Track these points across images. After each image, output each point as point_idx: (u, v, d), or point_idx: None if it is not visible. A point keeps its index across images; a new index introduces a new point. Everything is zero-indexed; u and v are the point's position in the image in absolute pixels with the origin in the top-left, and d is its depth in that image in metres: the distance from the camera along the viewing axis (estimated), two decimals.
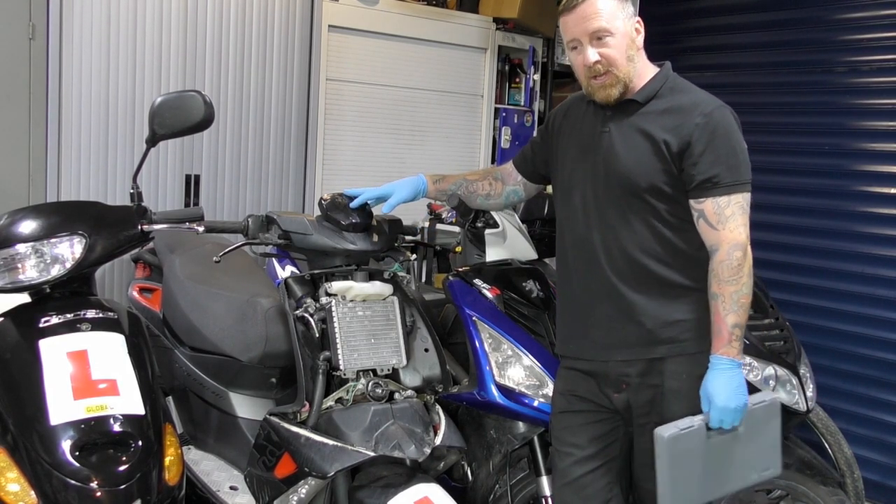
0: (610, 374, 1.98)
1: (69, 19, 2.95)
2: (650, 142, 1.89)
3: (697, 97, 1.91)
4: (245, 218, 2.10)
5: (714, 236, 1.85)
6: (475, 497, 2.36)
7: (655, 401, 1.94)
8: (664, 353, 1.93)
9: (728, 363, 1.83)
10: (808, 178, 3.53)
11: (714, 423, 1.83)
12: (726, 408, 1.82)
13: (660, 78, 1.94)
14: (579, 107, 2.08)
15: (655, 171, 1.88)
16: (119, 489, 1.65)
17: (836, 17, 3.53)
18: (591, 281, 1.99)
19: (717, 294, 1.85)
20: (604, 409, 2.02)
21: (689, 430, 1.82)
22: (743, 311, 1.84)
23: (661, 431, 1.81)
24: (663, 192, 1.89)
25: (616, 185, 1.92)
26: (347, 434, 1.89)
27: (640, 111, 1.92)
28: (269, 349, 2.26)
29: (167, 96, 2.02)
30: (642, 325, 1.93)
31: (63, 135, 2.99)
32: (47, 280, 1.93)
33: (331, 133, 3.67)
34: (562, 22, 1.93)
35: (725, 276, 1.83)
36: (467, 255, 2.52)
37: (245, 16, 3.36)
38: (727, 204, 1.84)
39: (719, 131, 1.85)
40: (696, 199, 1.87)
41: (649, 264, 1.91)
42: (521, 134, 4.32)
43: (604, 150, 1.95)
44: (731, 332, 1.83)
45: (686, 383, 1.90)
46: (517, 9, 4.05)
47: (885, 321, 3.36)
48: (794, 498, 2.46)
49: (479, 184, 2.29)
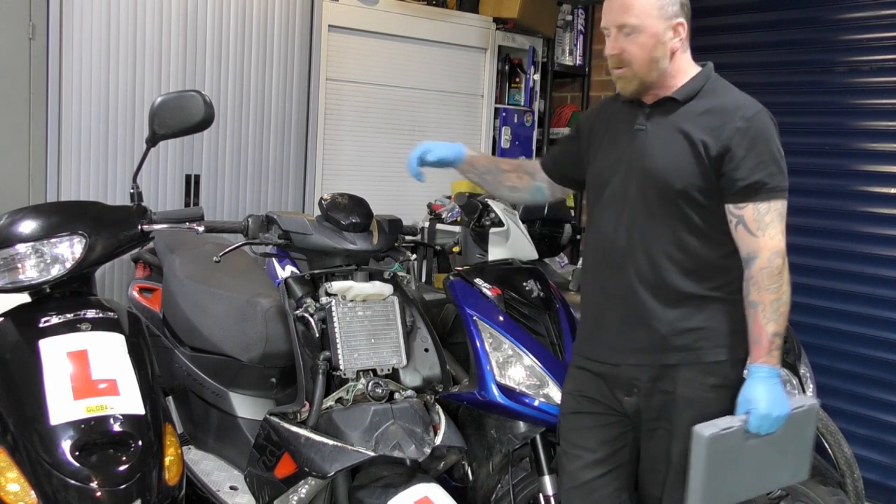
0: (621, 377, 1.95)
1: (69, 19, 2.95)
2: (688, 142, 1.85)
3: (739, 100, 1.87)
4: (245, 218, 2.10)
5: (753, 243, 1.82)
6: (475, 497, 2.36)
7: (666, 407, 1.91)
8: (678, 361, 1.89)
9: (768, 371, 1.81)
10: (808, 178, 3.53)
11: (753, 427, 1.80)
12: (768, 416, 1.79)
13: (701, 77, 1.90)
14: (612, 106, 2.05)
15: (691, 172, 1.84)
16: (119, 489, 1.65)
17: (836, 17, 3.53)
18: (610, 281, 1.95)
19: (756, 302, 1.81)
20: (613, 413, 1.99)
21: (730, 430, 1.79)
22: (782, 320, 1.81)
23: (702, 430, 1.78)
24: (696, 196, 1.84)
25: (650, 184, 1.88)
26: (347, 434, 1.89)
27: (679, 110, 1.88)
28: (269, 349, 2.26)
29: (167, 96, 2.02)
30: (656, 331, 1.90)
31: (63, 135, 2.98)
32: (47, 280, 1.93)
33: (331, 133, 3.67)
34: (604, 5, 1.91)
35: (766, 283, 1.80)
36: (468, 254, 2.52)
37: (245, 16, 3.35)
38: (767, 210, 1.81)
39: (761, 136, 1.82)
40: (736, 205, 1.83)
41: (671, 270, 1.88)
42: (521, 134, 4.32)
43: (638, 148, 1.91)
44: (772, 342, 1.80)
45: (699, 391, 1.88)
46: (517, 9, 4.04)
47: (885, 321, 3.36)
48: (794, 498, 2.46)
49: (509, 175, 2.26)
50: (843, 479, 2.76)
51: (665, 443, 1.93)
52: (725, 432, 1.79)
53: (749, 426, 1.81)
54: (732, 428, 1.80)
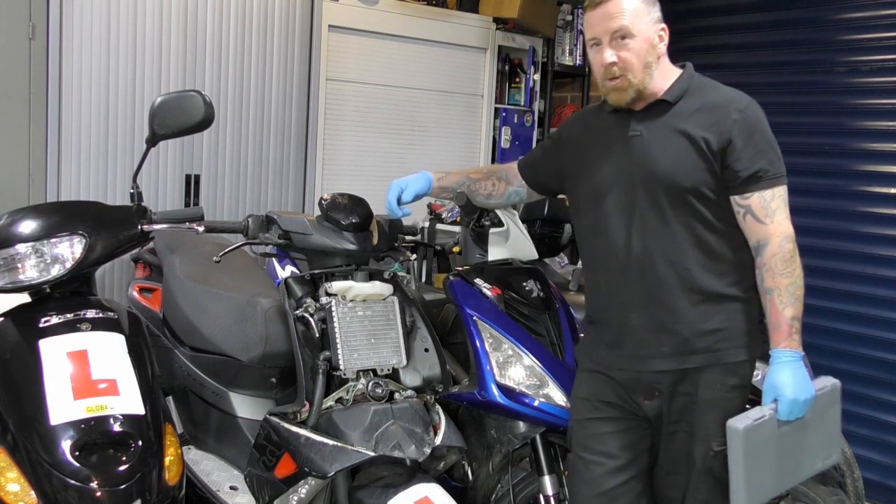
0: (642, 381, 1.95)
1: (69, 19, 2.95)
2: (689, 140, 1.85)
3: (728, 94, 1.90)
4: (245, 218, 2.10)
5: (763, 231, 1.84)
6: (475, 497, 2.36)
7: (687, 409, 1.91)
8: (700, 363, 1.89)
9: (791, 355, 1.82)
10: (808, 177, 3.53)
11: (783, 415, 1.81)
12: (796, 400, 1.80)
13: (686, 77, 1.92)
14: (598, 115, 2.05)
15: (697, 169, 1.85)
16: (119, 489, 1.65)
17: (836, 17, 3.53)
18: (627, 289, 1.94)
19: (772, 288, 1.83)
20: (633, 417, 1.98)
21: (762, 420, 1.80)
22: (799, 304, 1.83)
23: (735, 423, 1.78)
24: (705, 193, 1.86)
25: (658, 187, 1.88)
26: (347, 434, 1.88)
27: (671, 111, 1.89)
28: (269, 349, 2.26)
29: (167, 96, 2.02)
30: (678, 334, 1.89)
31: (63, 135, 2.98)
32: (47, 280, 1.93)
33: (331, 133, 3.67)
34: (585, 18, 1.91)
35: (780, 268, 1.81)
36: (468, 255, 2.51)
37: (245, 16, 3.36)
38: (772, 197, 1.83)
39: (756, 126, 1.85)
40: (742, 195, 1.85)
41: (690, 269, 1.88)
42: (521, 134, 4.32)
43: (637, 154, 1.91)
44: (791, 325, 1.82)
45: (720, 393, 1.88)
46: (517, 9, 4.04)
47: (885, 321, 3.36)
48: (794, 498, 2.46)
49: (481, 183, 2.28)
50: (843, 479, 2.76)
51: (686, 445, 1.93)
52: (758, 422, 1.79)
53: (779, 414, 1.81)
54: (764, 417, 1.81)
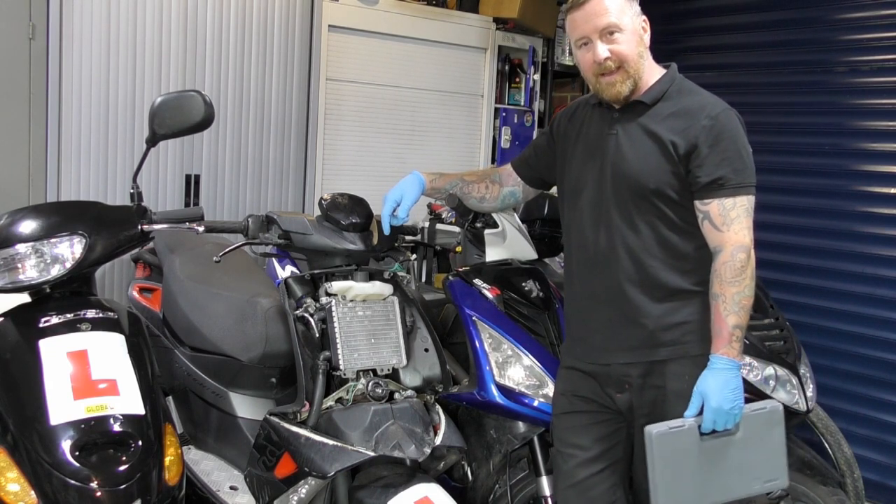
0: (612, 375, 1.98)
1: (69, 19, 2.95)
2: (658, 143, 1.89)
3: (704, 100, 1.91)
4: (245, 218, 2.10)
5: (718, 238, 1.85)
6: (475, 497, 2.36)
7: (658, 402, 1.94)
8: (666, 356, 1.92)
9: (727, 363, 1.83)
10: (808, 178, 3.53)
11: (707, 424, 1.82)
12: (720, 409, 1.81)
13: (666, 80, 1.94)
14: (585, 110, 2.08)
15: (663, 171, 1.88)
16: (119, 489, 1.65)
17: (836, 17, 3.53)
18: (594, 284, 1.98)
19: (718, 294, 1.85)
20: (607, 410, 2.02)
21: (679, 429, 1.81)
22: (744, 313, 1.84)
23: (651, 429, 1.80)
24: (670, 194, 1.88)
25: (624, 186, 1.92)
26: (347, 434, 1.89)
27: (647, 113, 1.92)
28: (269, 349, 2.26)
29: (167, 96, 2.02)
30: (644, 328, 1.93)
31: (63, 135, 2.99)
32: (47, 280, 1.93)
33: (331, 133, 3.67)
34: (569, 20, 1.93)
35: (728, 277, 1.83)
36: (467, 255, 2.51)
37: (245, 16, 3.36)
38: (732, 206, 1.84)
39: (725, 134, 1.85)
40: (702, 201, 1.87)
41: (654, 267, 1.91)
42: (521, 134, 4.32)
43: (611, 152, 1.95)
44: (732, 333, 1.83)
45: (689, 385, 1.89)
46: (517, 9, 4.05)
47: (885, 321, 3.36)
48: (794, 498, 2.46)
49: (474, 185, 2.28)
50: (843, 479, 2.76)
51: None
52: (675, 431, 1.80)
53: (704, 423, 1.82)
54: (683, 427, 1.81)
